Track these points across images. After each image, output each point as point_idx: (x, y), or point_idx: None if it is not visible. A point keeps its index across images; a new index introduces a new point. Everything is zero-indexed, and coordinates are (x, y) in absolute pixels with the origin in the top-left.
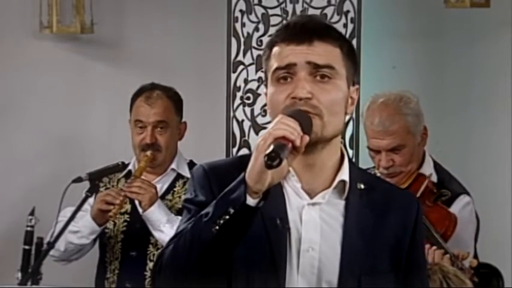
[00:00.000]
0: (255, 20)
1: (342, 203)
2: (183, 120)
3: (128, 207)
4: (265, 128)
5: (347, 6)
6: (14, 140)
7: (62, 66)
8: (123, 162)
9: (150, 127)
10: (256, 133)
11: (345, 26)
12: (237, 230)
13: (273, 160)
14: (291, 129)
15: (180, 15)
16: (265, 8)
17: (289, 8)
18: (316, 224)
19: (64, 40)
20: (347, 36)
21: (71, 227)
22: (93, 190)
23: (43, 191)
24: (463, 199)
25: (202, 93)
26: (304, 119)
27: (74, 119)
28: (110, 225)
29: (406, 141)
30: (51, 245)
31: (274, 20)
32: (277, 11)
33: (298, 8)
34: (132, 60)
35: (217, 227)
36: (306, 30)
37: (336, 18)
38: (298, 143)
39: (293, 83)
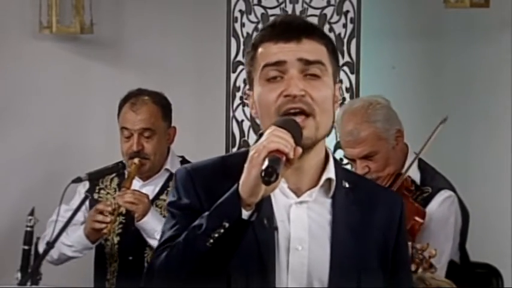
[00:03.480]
0: (255, 20)
1: (329, 201)
2: (176, 122)
3: (122, 208)
4: None
5: (347, 6)
6: (13, 140)
7: (61, 66)
8: (122, 162)
9: (136, 134)
10: (256, 133)
11: (345, 26)
12: (232, 242)
13: (270, 176)
14: (285, 141)
15: (180, 16)
16: (264, 8)
17: (289, 8)
18: (304, 223)
19: (64, 40)
20: (347, 36)
21: (64, 240)
22: (92, 190)
23: (43, 191)
24: (443, 194)
25: (201, 94)
26: (295, 130)
27: (74, 119)
28: None
29: (377, 148)
30: (51, 245)
31: None
32: (277, 11)
33: (298, 8)
34: (132, 60)
35: (211, 241)
36: (293, 28)
37: (335, 18)
38: (291, 155)
39: (284, 81)
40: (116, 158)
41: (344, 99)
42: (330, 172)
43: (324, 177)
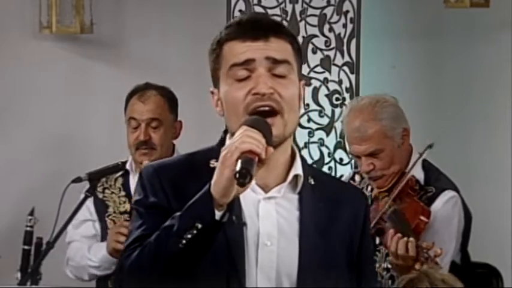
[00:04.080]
0: None
1: (296, 197)
2: (180, 119)
3: (127, 206)
4: None
5: (346, 6)
6: (13, 140)
7: (61, 66)
8: (122, 162)
9: (143, 124)
10: None
11: (345, 26)
12: (204, 243)
13: (244, 178)
14: (257, 142)
15: (180, 15)
16: (264, 8)
17: (289, 8)
18: (272, 218)
19: (64, 40)
20: (346, 36)
21: (89, 262)
22: (92, 190)
23: (43, 191)
24: (447, 194)
25: (201, 93)
26: (266, 130)
27: (74, 119)
28: (110, 225)
29: (383, 146)
30: (51, 245)
31: None
32: (277, 11)
33: (298, 8)
34: (132, 60)
35: (184, 241)
36: (261, 26)
37: (335, 18)
38: (263, 155)
39: (251, 79)
40: (117, 157)
41: (344, 99)
42: (298, 169)
43: (292, 174)
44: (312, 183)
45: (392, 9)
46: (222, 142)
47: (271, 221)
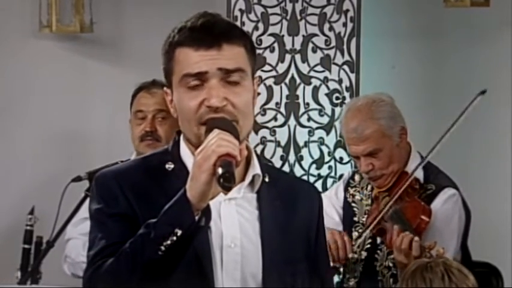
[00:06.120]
0: (255, 19)
1: (254, 196)
2: None
3: None
4: (264, 127)
5: (347, 5)
6: (13, 139)
7: (61, 66)
8: (122, 162)
9: (150, 116)
10: (256, 132)
11: (345, 25)
12: (183, 248)
13: (229, 181)
14: (233, 145)
15: (179, 14)
16: (264, 7)
17: (289, 7)
18: (234, 220)
19: (64, 39)
20: (346, 35)
21: (83, 258)
22: None
23: (43, 191)
24: (447, 192)
25: None
26: (235, 131)
27: (74, 119)
28: None
29: (381, 145)
30: (51, 244)
31: (273, 19)
32: (277, 10)
33: (298, 7)
34: (132, 59)
35: (163, 248)
36: (213, 33)
37: (335, 17)
38: (239, 158)
39: (204, 89)
40: (117, 156)
41: (344, 98)
42: (256, 168)
43: (250, 173)
44: (267, 180)
45: (392, 9)
46: (176, 144)
47: (233, 223)
